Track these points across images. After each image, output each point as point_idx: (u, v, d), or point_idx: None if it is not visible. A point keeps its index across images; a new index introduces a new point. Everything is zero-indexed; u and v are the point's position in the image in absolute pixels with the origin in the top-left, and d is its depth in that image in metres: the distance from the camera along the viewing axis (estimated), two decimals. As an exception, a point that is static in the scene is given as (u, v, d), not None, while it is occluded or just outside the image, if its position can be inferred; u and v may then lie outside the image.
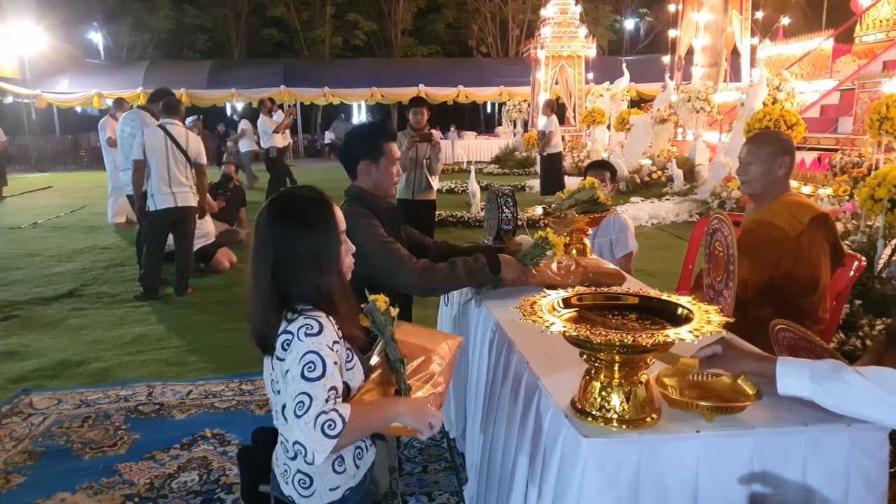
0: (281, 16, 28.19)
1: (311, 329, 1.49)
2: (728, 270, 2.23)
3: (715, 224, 2.37)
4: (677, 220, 9.51)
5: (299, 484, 1.60)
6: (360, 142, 2.56)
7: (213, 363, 4.19)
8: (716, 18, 14.23)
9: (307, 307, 1.54)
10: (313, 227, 1.60)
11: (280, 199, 1.65)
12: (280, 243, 1.57)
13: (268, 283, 1.56)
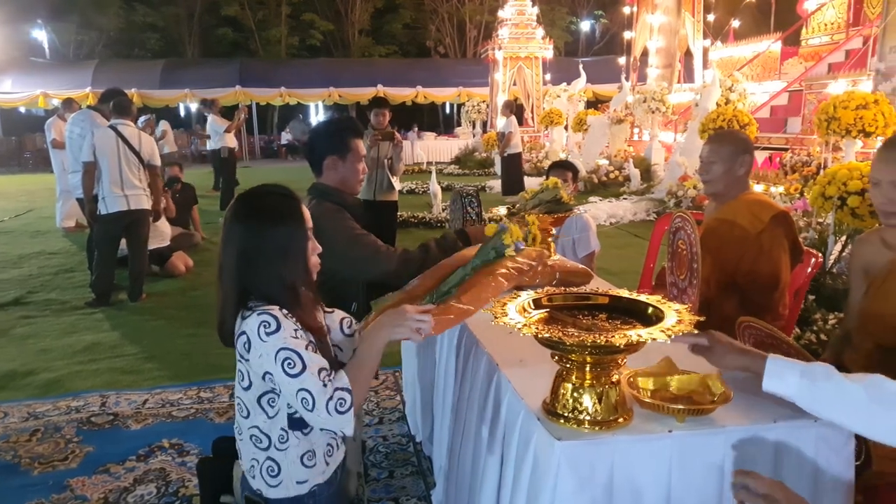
0: (235, 15, 27.73)
1: (269, 327, 1.48)
2: (692, 269, 2.24)
3: (678, 222, 2.39)
4: (635, 218, 9.64)
5: (267, 472, 1.60)
6: (327, 137, 2.54)
7: (170, 370, 4.06)
8: (669, 20, 14.48)
9: (260, 304, 1.53)
10: (280, 221, 1.60)
11: (248, 195, 1.66)
12: (246, 237, 1.57)
13: (231, 277, 1.57)
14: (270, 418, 1.57)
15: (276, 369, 1.46)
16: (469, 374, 2.02)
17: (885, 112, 6.52)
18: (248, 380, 1.56)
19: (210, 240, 8.17)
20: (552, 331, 1.35)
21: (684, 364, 1.61)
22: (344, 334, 1.85)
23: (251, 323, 1.50)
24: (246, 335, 1.50)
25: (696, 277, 2.21)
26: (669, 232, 2.46)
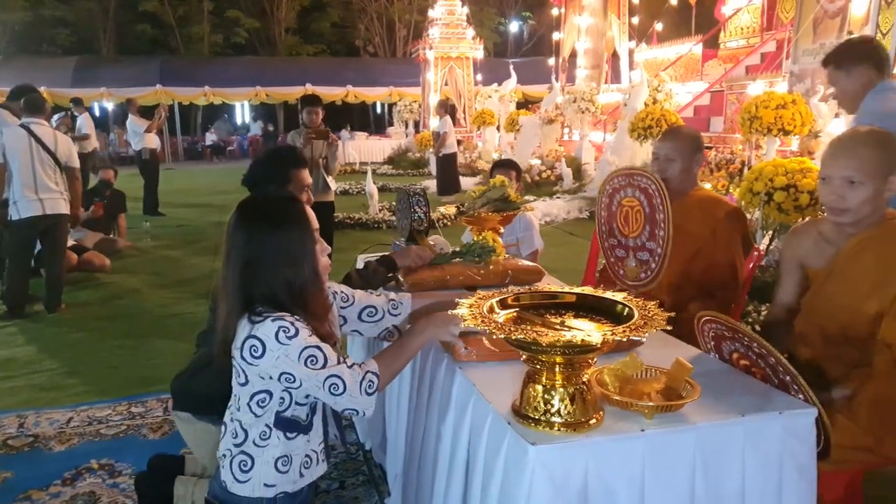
0: (154, 11, 26.64)
1: (289, 331, 1.50)
2: (654, 221, 2.24)
3: (618, 182, 2.40)
4: (568, 217, 9.78)
5: (239, 466, 1.61)
6: (267, 169, 2.46)
7: (96, 385, 3.81)
8: (596, 22, 14.79)
9: (270, 310, 1.53)
10: (284, 224, 1.58)
11: (250, 201, 1.66)
12: (250, 243, 1.56)
13: (235, 285, 1.55)
14: (257, 417, 1.58)
15: (299, 367, 1.51)
16: (427, 378, 1.95)
17: (802, 111, 6.81)
18: (244, 377, 1.56)
19: (134, 247, 7.79)
20: (526, 332, 1.29)
21: (650, 360, 1.59)
22: (363, 320, 1.97)
23: (266, 329, 1.50)
24: (259, 340, 1.51)
25: (661, 228, 2.21)
26: (603, 195, 2.48)
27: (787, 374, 1.55)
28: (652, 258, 2.29)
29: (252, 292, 1.55)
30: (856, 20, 7.35)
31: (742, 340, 1.66)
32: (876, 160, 1.81)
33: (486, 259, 2.50)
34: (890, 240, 1.86)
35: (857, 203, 1.84)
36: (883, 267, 1.83)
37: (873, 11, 5.39)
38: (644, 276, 2.34)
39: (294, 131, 5.56)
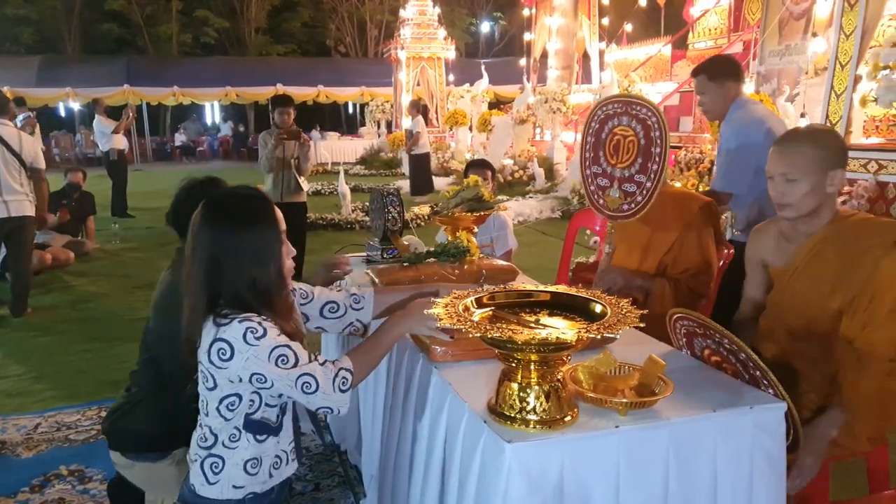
0: (121, 10, 26.16)
1: (256, 332, 1.48)
2: (649, 154, 2.24)
3: (612, 109, 2.38)
4: (541, 217, 9.84)
5: (210, 468, 1.59)
6: (191, 201, 2.30)
7: (64, 390, 3.74)
8: (567, 23, 14.88)
9: (235, 311, 1.50)
10: (251, 222, 1.56)
11: (216, 197, 1.61)
12: (216, 240, 1.53)
13: (199, 284, 1.52)
14: (226, 420, 1.56)
15: (270, 367, 1.49)
16: (403, 378, 1.95)
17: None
18: (212, 381, 1.54)
19: (102, 249, 7.66)
20: (502, 330, 1.30)
21: (623, 357, 1.61)
22: (325, 317, 1.93)
23: (234, 331, 1.48)
24: (227, 343, 1.48)
25: (657, 162, 2.23)
26: (593, 121, 2.48)
27: (758, 369, 1.58)
28: (639, 191, 2.30)
29: (217, 291, 1.53)
30: (820, 22, 7.52)
31: (713, 337, 1.68)
32: (811, 156, 1.89)
33: (461, 259, 2.51)
34: (848, 238, 1.90)
35: (796, 198, 1.91)
36: (843, 265, 1.88)
37: (837, 13, 5.50)
38: (627, 209, 2.35)
39: (265, 132, 5.51)
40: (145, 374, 2.16)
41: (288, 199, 5.46)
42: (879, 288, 1.79)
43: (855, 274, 1.84)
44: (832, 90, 5.44)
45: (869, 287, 1.81)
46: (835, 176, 1.90)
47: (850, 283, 1.85)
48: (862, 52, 5.21)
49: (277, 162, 5.33)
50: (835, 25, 5.54)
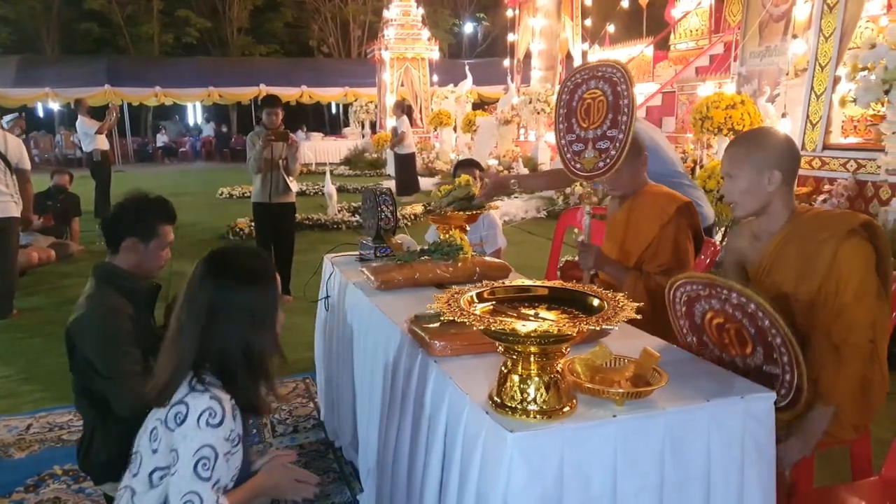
0: (100, 9, 25.92)
1: (214, 418, 1.45)
2: (618, 107, 2.31)
3: (580, 77, 2.46)
4: (527, 216, 9.91)
5: None
6: (132, 217, 2.28)
7: (54, 391, 3.73)
8: (550, 24, 15.00)
9: (216, 382, 1.48)
10: (255, 281, 1.56)
11: (221, 253, 1.61)
12: (218, 295, 1.52)
13: (193, 337, 1.50)
14: (152, 487, 1.51)
15: (188, 457, 1.44)
16: (401, 374, 1.98)
17: (751, 112, 7.06)
18: (158, 442, 1.50)
19: (87, 250, 7.61)
20: (504, 323, 1.34)
21: (617, 350, 1.66)
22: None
23: (200, 403, 1.45)
24: (187, 409, 1.45)
25: (625, 115, 2.30)
26: (563, 93, 2.56)
27: (767, 317, 1.64)
28: (612, 145, 2.36)
29: (210, 346, 1.50)
30: (800, 24, 7.66)
31: (719, 294, 1.73)
32: (747, 156, 1.99)
33: (455, 257, 2.55)
34: (805, 233, 1.96)
35: (736, 195, 2.03)
36: (804, 259, 1.93)
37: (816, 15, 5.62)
38: (602, 165, 2.40)
39: (253, 132, 5.50)
40: (84, 404, 2.18)
41: (276, 200, 5.47)
42: (843, 276, 1.85)
43: (816, 266, 1.89)
44: (812, 91, 5.55)
45: (833, 277, 1.86)
46: (772, 175, 1.97)
47: (812, 275, 1.90)
48: (841, 54, 5.32)
49: (266, 163, 5.34)
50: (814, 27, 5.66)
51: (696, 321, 1.88)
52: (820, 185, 5.56)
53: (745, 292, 1.65)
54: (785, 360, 1.71)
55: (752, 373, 1.79)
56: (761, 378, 1.73)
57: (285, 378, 3.86)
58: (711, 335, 1.88)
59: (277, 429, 3.20)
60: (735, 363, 1.84)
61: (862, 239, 1.87)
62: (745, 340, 1.78)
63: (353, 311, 2.57)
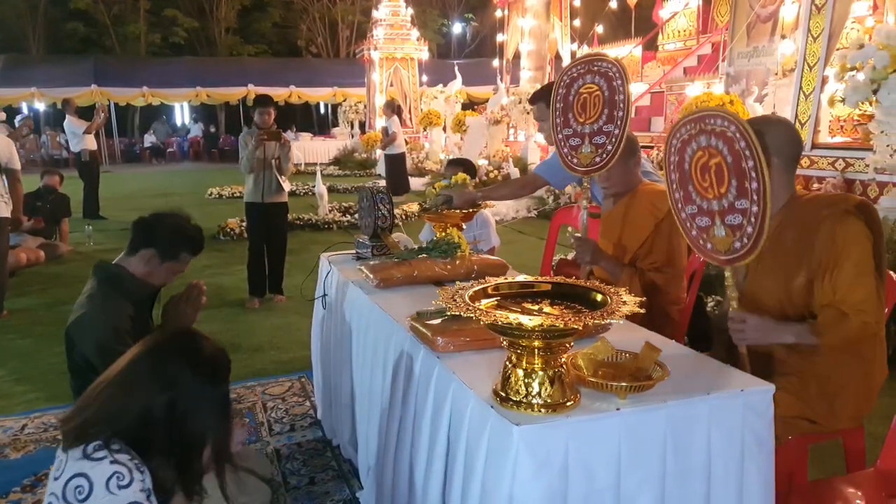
0: (86, 9, 25.71)
1: (122, 479, 1.35)
2: (613, 102, 2.35)
3: (577, 71, 2.49)
4: (517, 216, 9.94)
5: None
6: (165, 233, 2.30)
7: (47, 392, 3.71)
8: (539, 24, 15.03)
9: (116, 446, 1.38)
10: (217, 380, 1.54)
11: (190, 338, 1.58)
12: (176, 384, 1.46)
13: (137, 400, 1.44)
14: None
15: None
16: (402, 371, 1.99)
17: (739, 111, 7.13)
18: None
19: (76, 251, 7.56)
20: (511, 317, 1.35)
21: (619, 345, 1.68)
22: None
23: (100, 471, 1.35)
24: (89, 482, 1.34)
25: (621, 110, 2.33)
26: (560, 87, 2.55)
27: (744, 138, 1.71)
28: (609, 140, 2.39)
29: (143, 418, 1.43)
30: (787, 24, 7.74)
31: (706, 127, 1.81)
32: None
33: (453, 255, 2.57)
34: (803, 215, 1.98)
35: None
36: (802, 240, 1.95)
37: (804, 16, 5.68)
38: (599, 161, 2.44)
39: (245, 132, 5.48)
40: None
41: (269, 200, 5.46)
42: (840, 254, 1.86)
43: (814, 245, 1.91)
44: (801, 91, 5.61)
45: (830, 255, 1.88)
46: (770, 163, 1.97)
47: (811, 254, 1.92)
48: (829, 54, 5.39)
49: (258, 162, 5.32)
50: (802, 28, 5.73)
51: (685, 169, 1.91)
52: (809, 183, 5.62)
53: (728, 116, 1.72)
54: (754, 188, 1.72)
55: (726, 212, 1.83)
56: (733, 213, 1.80)
57: (281, 377, 3.86)
58: (696, 182, 1.90)
59: (274, 427, 3.21)
60: (712, 207, 1.87)
61: (857, 219, 1.90)
62: (723, 175, 1.80)
63: (352, 309, 2.58)
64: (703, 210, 1.92)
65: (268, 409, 3.41)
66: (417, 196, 11.44)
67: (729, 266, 1.89)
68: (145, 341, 1.54)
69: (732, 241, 1.85)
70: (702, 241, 1.96)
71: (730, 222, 1.84)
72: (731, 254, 1.86)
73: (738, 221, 1.82)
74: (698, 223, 1.95)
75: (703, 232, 1.94)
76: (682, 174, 1.96)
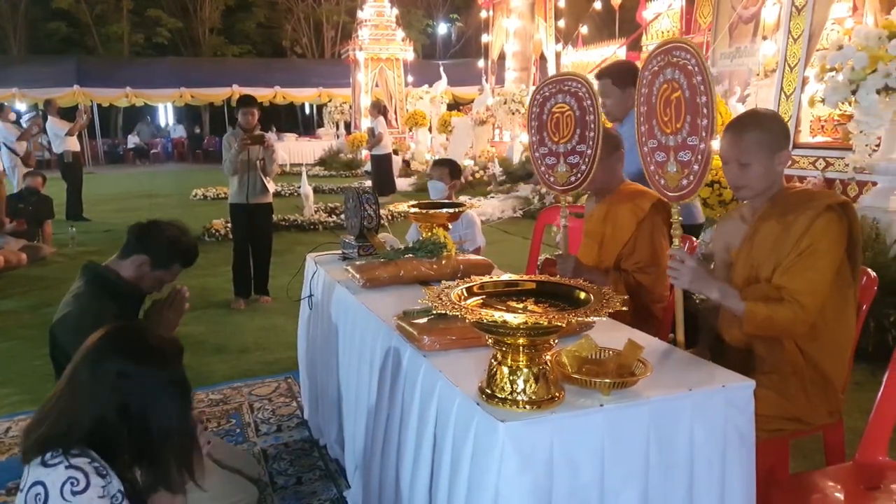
0: (68, 9, 25.46)
1: (77, 485, 1.32)
2: (585, 123, 2.38)
3: (548, 90, 2.51)
4: (503, 216, 9.97)
5: None
6: (161, 242, 2.31)
7: (31, 394, 3.68)
8: (524, 25, 15.11)
9: (74, 451, 1.36)
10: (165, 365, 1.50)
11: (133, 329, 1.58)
12: (142, 389, 1.44)
13: (93, 409, 1.41)
14: None
15: None
16: (389, 370, 2.01)
17: (722, 112, 7.17)
18: None
19: (59, 253, 7.49)
20: (496, 315, 1.37)
21: (603, 342, 1.71)
22: None
23: (55, 476, 1.32)
24: (43, 489, 1.31)
25: (592, 131, 2.36)
26: (534, 106, 2.57)
27: (701, 73, 1.75)
28: (582, 160, 2.42)
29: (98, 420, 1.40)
30: (768, 25, 7.83)
31: (674, 60, 1.84)
32: (759, 140, 1.99)
33: (439, 254, 2.58)
34: (787, 206, 2.00)
35: (751, 180, 2.01)
36: (782, 231, 1.97)
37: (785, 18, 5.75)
38: (574, 180, 2.47)
39: (229, 133, 5.46)
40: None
41: (254, 201, 5.44)
42: (809, 244, 1.89)
43: (791, 234, 1.94)
44: (782, 91, 5.68)
45: (801, 243, 1.90)
46: (781, 155, 2.01)
47: (786, 244, 1.95)
48: (809, 55, 5.46)
49: (242, 164, 5.30)
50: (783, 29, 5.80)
51: (652, 102, 1.93)
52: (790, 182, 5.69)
53: (690, 48, 1.78)
54: (703, 125, 1.75)
55: (679, 148, 1.88)
56: (685, 149, 1.86)
57: (267, 377, 3.86)
58: (659, 116, 1.93)
59: (261, 428, 3.20)
60: (669, 143, 1.91)
61: (838, 216, 1.92)
62: (681, 110, 1.83)
63: (339, 309, 2.59)
64: (662, 145, 1.96)
65: (254, 409, 3.41)
66: (404, 196, 11.45)
67: (675, 203, 1.96)
68: (82, 347, 1.50)
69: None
70: (657, 176, 2.01)
71: (570, 161, 1.98)
72: (678, 190, 1.92)
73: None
74: (657, 158, 2.00)
75: (659, 167, 2.00)
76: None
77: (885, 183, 4.52)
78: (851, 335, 2.04)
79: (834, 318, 1.98)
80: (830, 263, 1.90)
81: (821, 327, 1.96)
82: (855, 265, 1.99)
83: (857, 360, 2.23)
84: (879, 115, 4.17)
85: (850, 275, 1.99)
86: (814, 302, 1.88)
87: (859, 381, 3.28)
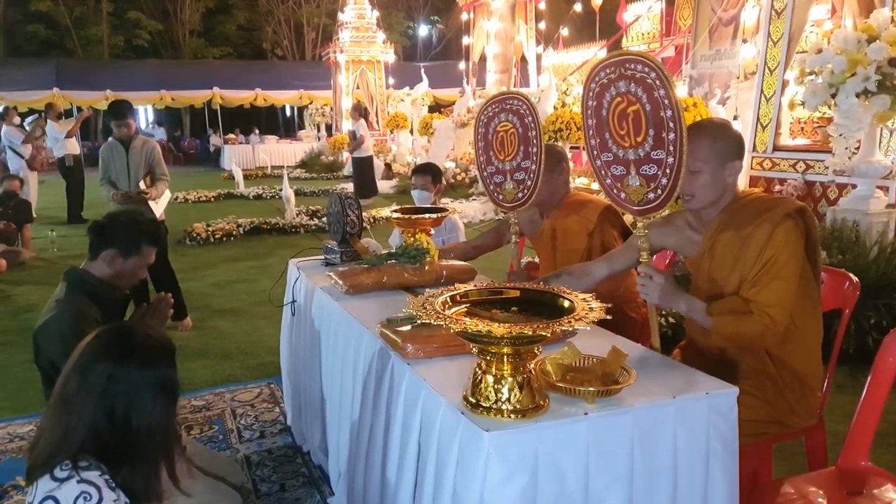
0: (47, 11, 25.15)
1: (90, 499, 1.33)
2: (527, 140, 2.39)
3: (492, 110, 2.52)
4: (485, 218, 9.99)
5: None
6: (121, 231, 2.31)
7: (13, 401, 3.63)
8: (505, 27, 15.14)
9: (84, 463, 1.37)
10: (154, 365, 1.50)
11: (122, 330, 1.56)
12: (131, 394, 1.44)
13: (85, 421, 1.40)
14: None
15: None
16: (373, 378, 1.99)
17: (703, 114, 7.25)
18: None
19: (39, 257, 7.40)
20: (480, 325, 1.36)
21: (586, 349, 1.71)
22: None
23: (67, 492, 1.32)
24: (55, 502, 1.32)
25: (535, 146, 2.37)
26: (479, 126, 2.59)
27: (664, 87, 1.69)
28: (527, 176, 2.43)
29: (108, 442, 1.40)
30: (748, 28, 7.91)
31: (626, 72, 1.78)
32: (710, 149, 1.96)
33: (422, 260, 2.57)
34: (744, 216, 1.99)
35: (697, 188, 1.98)
36: (741, 241, 1.96)
37: (764, 21, 5.82)
38: (521, 196, 2.48)
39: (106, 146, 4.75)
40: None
41: None
42: (772, 255, 1.88)
43: (751, 246, 1.92)
44: (762, 94, 5.74)
45: (763, 255, 1.89)
46: (733, 167, 1.99)
47: (747, 256, 1.93)
48: (789, 58, 5.52)
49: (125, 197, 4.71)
50: (762, 32, 5.86)
51: (602, 115, 1.88)
52: (771, 185, 5.75)
53: (649, 61, 1.71)
54: (671, 139, 1.70)
55: (642, 161, 1.82)
56: (649, 163, 1.79)
57: (250, 383, 3.82)
58: (613, 129, 1.88)
59: (244, 434, 3.17)
60: (628, 157, 1.85)
61: (796, 224, 1.92)
62: (640, 124, 1.77)
63: (321, 315, 2.57)
64: (619, 159, 1.91)
65: (237, 415, 3.38)
66: (386, 199, 11.43)
67: (641, 217, 1.91)
68: (72, 355, 1.49)
69: (646, 192, 1.85)
70: (615, 190, 1.96)
71: (644, 172, 1.83)
72: (644, 204, 1.88)
73: (653, 172, 1.81)
74: (613, 171, 1.95)
75: (617, 181, 1.95)
76: (599, 120, 1.94)
77: (864, 186, 4.58)
78: (819, 333, 2.05)
79: (801, 318, 1.98)
80: (794, 272, 1.89)
81: (790, 330, 1.95)
82: (815, 265, 2.00)
83: (839, 363, 2.25)
84: (859, 118, 4.22)
85: (812, 274, 1.99)
86: (782, 313, 1.88)
87: (840, 384, 3.32)
